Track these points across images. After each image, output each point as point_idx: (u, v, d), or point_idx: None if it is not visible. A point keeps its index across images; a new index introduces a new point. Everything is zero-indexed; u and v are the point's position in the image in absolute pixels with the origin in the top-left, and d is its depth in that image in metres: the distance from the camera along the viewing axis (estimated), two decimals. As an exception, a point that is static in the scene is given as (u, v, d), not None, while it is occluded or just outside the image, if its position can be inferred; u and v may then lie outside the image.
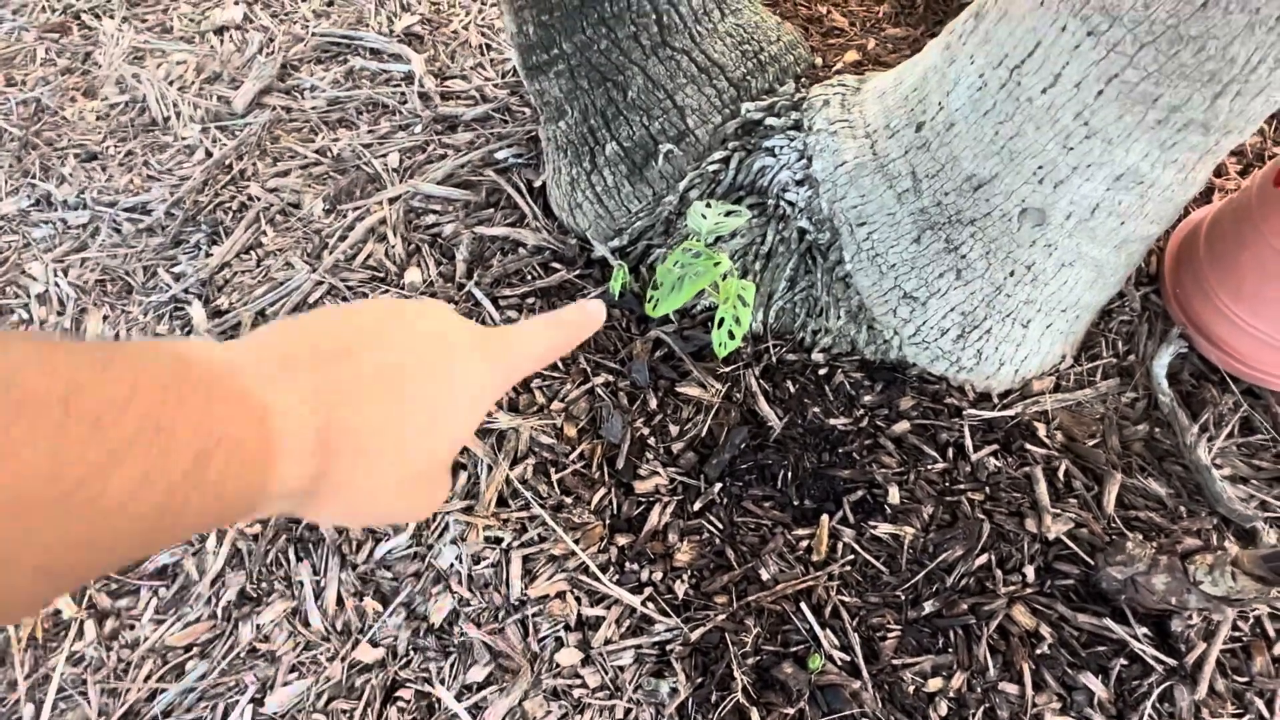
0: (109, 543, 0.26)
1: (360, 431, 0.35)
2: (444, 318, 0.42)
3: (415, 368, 0.38)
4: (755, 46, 1.26)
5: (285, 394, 0.33)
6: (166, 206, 1.45)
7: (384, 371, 0.37)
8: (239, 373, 0.32)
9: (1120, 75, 0.86)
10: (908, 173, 1.07)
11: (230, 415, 0.30)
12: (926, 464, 1.09)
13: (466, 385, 0.41)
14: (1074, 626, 0.97)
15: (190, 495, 0.28)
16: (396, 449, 0.37)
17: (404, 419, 0.37)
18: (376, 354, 0.37)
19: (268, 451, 0.31)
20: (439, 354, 0.40)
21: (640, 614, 1.02)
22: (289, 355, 0.35)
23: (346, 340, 0.37)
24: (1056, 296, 1.07)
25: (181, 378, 0.29)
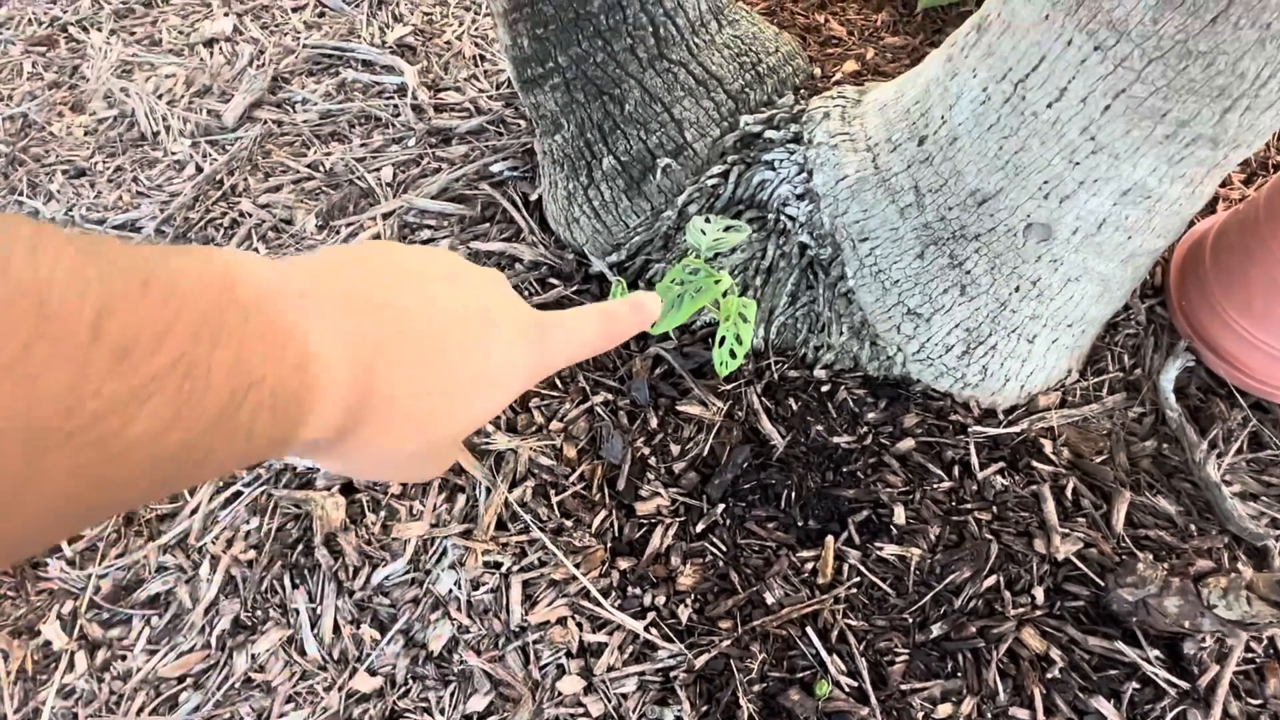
0: (124, 481, 0.24)
1: (392, 396, 0.35)
2: (494, 291, 0.42)
3: (455, 339, 0.38)
4: (753, 58, 1.25)
5: (330, 340, 0.32)
6: (157, 223, 1.43)
7: (426, 334, 0.36)
8: (287, 304, 0.30)
9: (1128, 90, 0.84)
10: (910, 187, 1.06)
11: (270, 354, 0.28)
12: (932, 483, 1.07)
13: (501, 367, 0.40)
14: (1085, 649, 0.95)
15: (217, 440, 0.26)
16: (423, 419, 0.37)
17: (436, 392, 0.37)
18: (424, 313, 0.37)
19: (303, 400, 0.30)
20: (481, 330, 0.39)
21: (643, 640, 1.00)
22: (341, 292, 0.34)
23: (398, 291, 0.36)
24: (1062, 312, 1.06)
25: (224, 305, 0.27)
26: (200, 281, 0.26)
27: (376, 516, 1.10)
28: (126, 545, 1.12)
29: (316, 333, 0.31)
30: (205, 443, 0.26)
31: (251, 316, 0.28)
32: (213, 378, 0.25)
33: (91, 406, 0.22)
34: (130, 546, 1.12)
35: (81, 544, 1.12)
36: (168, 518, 1.14)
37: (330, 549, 1.09)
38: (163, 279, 0.25)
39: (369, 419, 0.34)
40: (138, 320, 0.23)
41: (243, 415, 0.27)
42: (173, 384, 0.24)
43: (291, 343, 0.30)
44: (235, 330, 0.27)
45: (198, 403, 0.25)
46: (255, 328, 0.28)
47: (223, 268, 0.28)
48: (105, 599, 1.08)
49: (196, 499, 1.14)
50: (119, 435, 0.23)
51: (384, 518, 1.10)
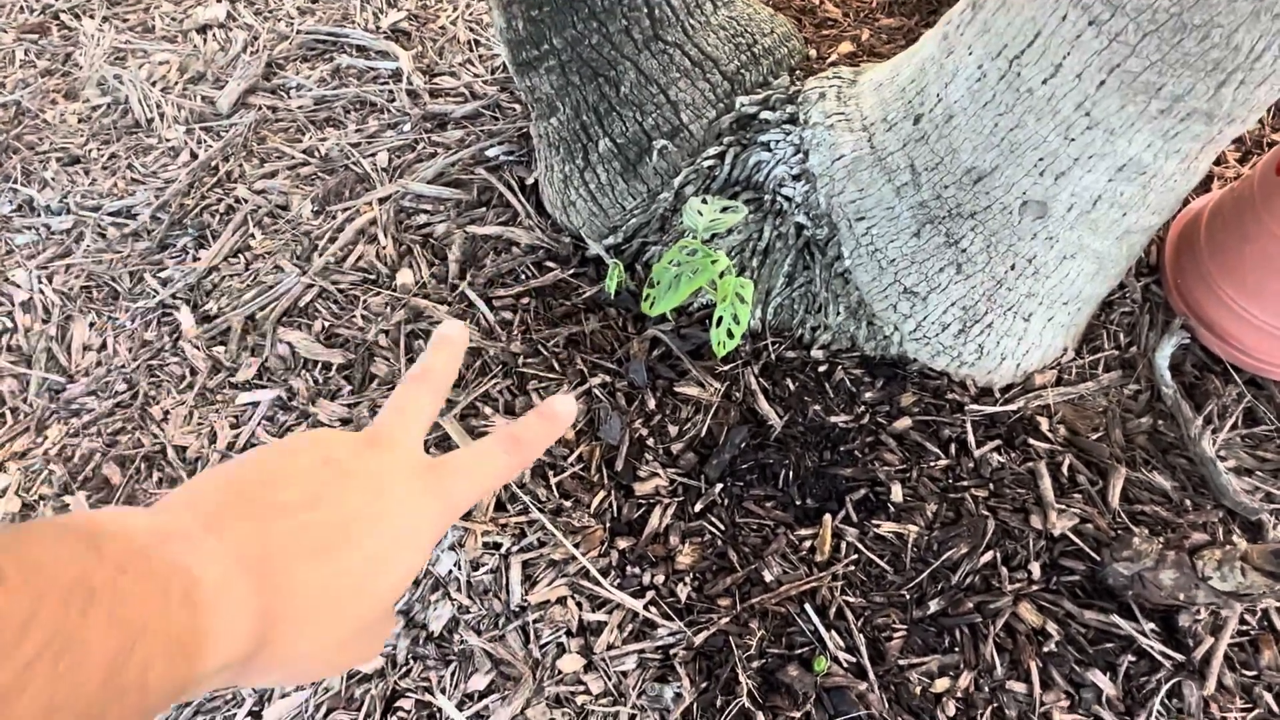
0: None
1: (300, 596, 0.34)
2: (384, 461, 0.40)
3: (353, 521, 0.37)
4: (749, 39, 1.24)
5: (218, 561, 0.31)
6: (152, 210, 1.42)
7: (321, 525, 0.35)
8: (164, 541, 0.30)
9: (1122, 65, 0.84)
10: (906, 166, 1.06)
11: (151, 600, 0.28)
12: (929, 461, 1.08)
13: (408, 530, 0.39)
14: (1081, 623, 0.96)
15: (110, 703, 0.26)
16: (339, 610, 0.36)
17: (344, 578, 0.36)
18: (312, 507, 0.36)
19: (196, 634, 0.29)
20: (377, 502, 0.38)
21: (642, 618, 1.01)
22: (217, 513, 0.33)
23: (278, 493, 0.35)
24: (1058, 289, 1.06)
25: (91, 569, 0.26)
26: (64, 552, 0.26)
27: (376, 499, 1.10)
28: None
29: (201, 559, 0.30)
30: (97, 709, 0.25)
31: (127, 568, 0.28)
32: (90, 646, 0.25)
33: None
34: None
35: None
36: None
37: (330, 531, 1.09)
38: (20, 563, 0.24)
39: (281, 627, 0.33)
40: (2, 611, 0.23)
41: (130, 673, 0.26)
42: (47, 666, 0.23)
43: (175, 578, 0.29)
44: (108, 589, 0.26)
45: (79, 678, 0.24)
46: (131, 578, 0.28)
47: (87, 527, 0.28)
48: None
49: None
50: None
51: (383, 500, 1.10)
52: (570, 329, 1.22)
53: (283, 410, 1.20)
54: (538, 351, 1.21)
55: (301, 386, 1.20)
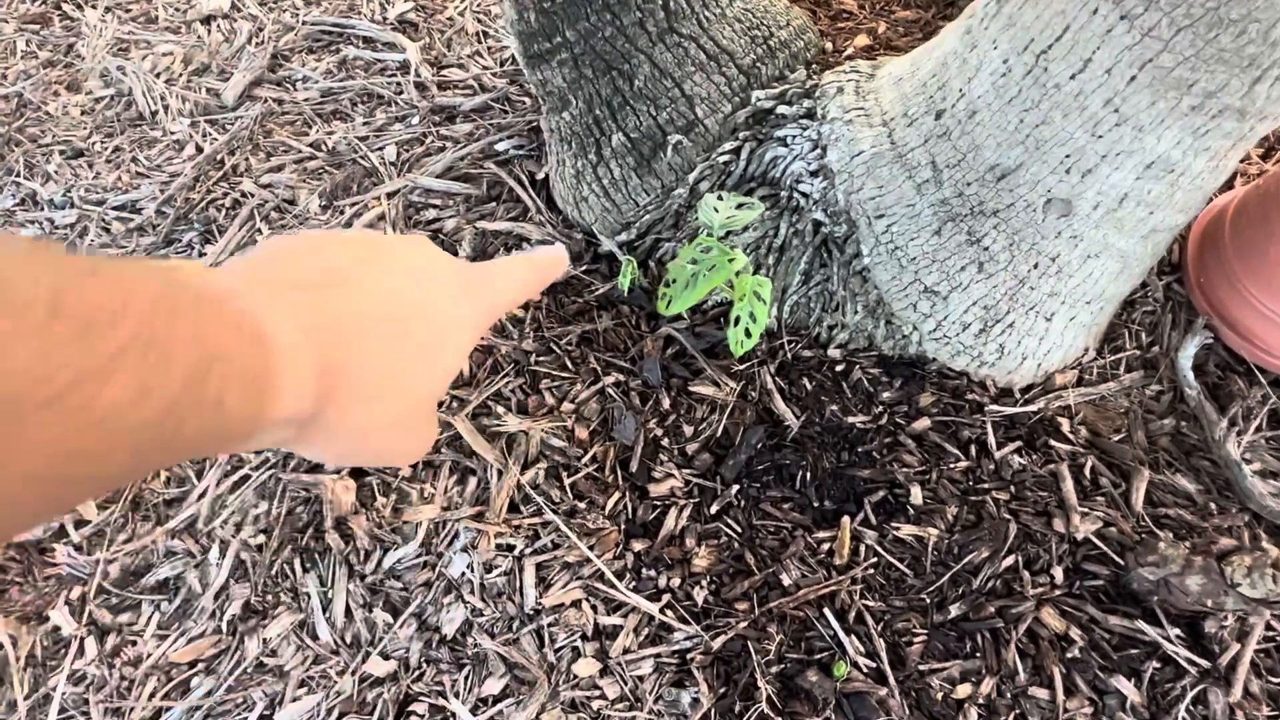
0: (103, 453, 0.25)
1: (356, 368, 0.35)
2: (428, 253, 0.42)
3: (405, 305, 0.38)
4: (765, 32, 1.22)
5: (283, 321, 0.32)
6: (157, 204, 1.40)
7: (378, 307, 0.37)
8: (232, 295, 0.31)
9: (1155, 60, 0.82)
10: (927, 162, 1.04)
11: (226, 334, 0.29)
12: (949, 462, 1.06)
13: (454, 322, 0.41)
14: (1105, 629, 0.94)
15: (189, 410, 0.27)
16: (391, 386, 0.37)
17: (398, 357, 0.37)
18: (369, 288, 0.37)
19: (268, 374, 0.30)
20: (428, 291, 0.40)
21: (659, 622, 0.99)
22: (282, 281, 0.34)
23: (339, 271, 0.37)
24: (1081, 289, 1.04)
25: (173, 291, 0.27)
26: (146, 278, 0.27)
27: (387, 500, 1.09)
28: (134, 530, 1.11)
29: (270, 317, 0.31)
30: (178, 413, 0.26)
31: (202, 302, 0.28)
32: (175, 350, 0.26)
33: (63, 376, 0.22)
34: (138, 532, 1.11)
35: (88, 529, 1.11)
36: (175, 502, 1.13)
37: (341, 533, 1.08)
38: (109, 272, 0.25)
39: (339, 391, 0.34)
40: (93, 298, 0.24)
41: (210, 388, 0.27)
42: (136, 355, 0.24)
43: (245, 324, 0.30)
44: (189, 310, 0.27)
45: (165, 372, 0.25)
46: (209, 312, 0.28)
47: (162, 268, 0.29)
48: (114, 584, 1.07)
49: (204, 483, 1.13)
50: (92, 405, 0.23)
51: (394, 501, 1.09)
52: (583, 327, 1.20)
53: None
54: (550, 350, 1.19)
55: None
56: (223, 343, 0.28)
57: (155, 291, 0.26)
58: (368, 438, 0.38)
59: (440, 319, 0.40)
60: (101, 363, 0.23)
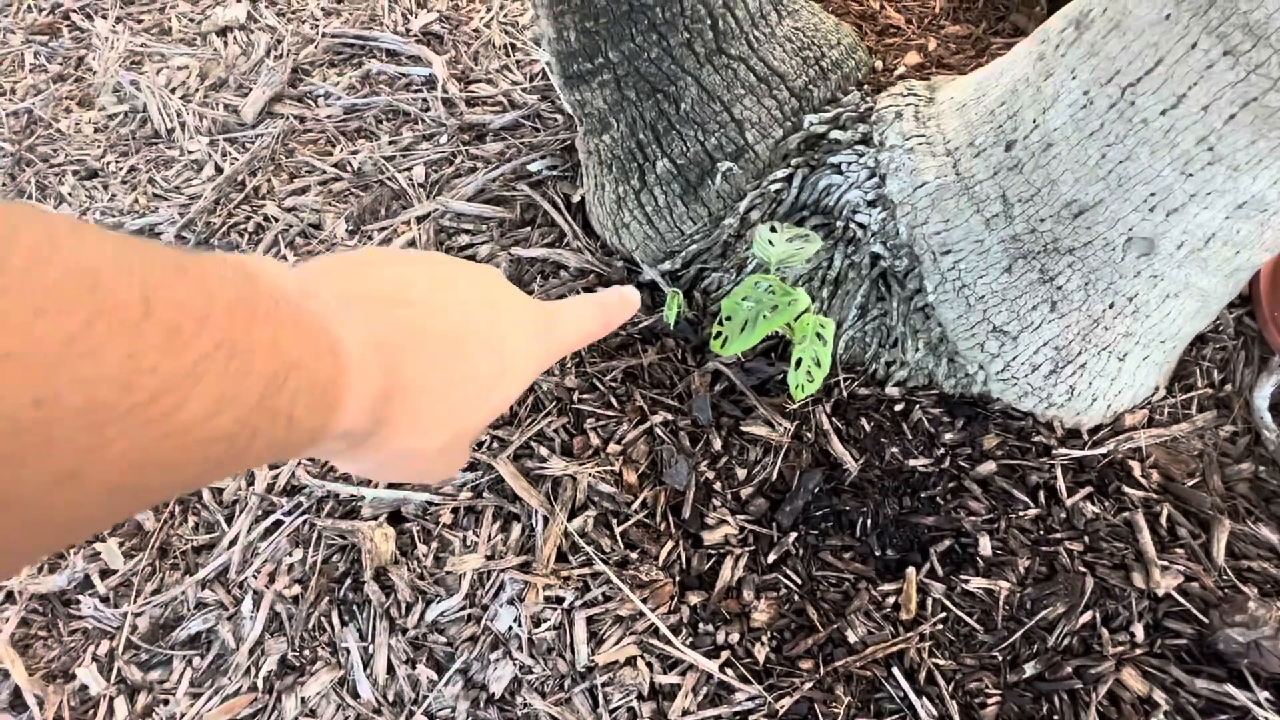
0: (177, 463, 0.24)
1: (416, 388, 0.35)
2: (498, 284, 0.42)
3: (472, 333, 0.38)
4: (816, 52, 1.17)
5: (353, 333, 0.32)
6: (177, 229, 1.35)
7: (444, 331, 0.37)
8: (307, 299, 0.30)
9: (1260, 99, 0.77)
10: (997, 196, 0.99)
11: (302, 341, 0.28)
12: (1017, 510, 1.01)
13: (515, 357, 0.41)
14: (1190, 692, 0.90)
15: (261, 423, 0.26)
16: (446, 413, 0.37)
17: (458, 382, 0.37)
18: (439, 308, 0.37)
19: (338, 385, 0.30)
20: (493, 322, 0.40)
21: (718, 681, 0.95)
22: (355, 293, 0.34)
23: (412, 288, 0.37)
24: (1158, 329, 0.99)
25: (252, 294, 0.27)
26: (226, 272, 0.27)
27: (428, 548, 1.04)
28: (162, 580, 1.06)
29: (342, 325, 0.31)
30: (252, 424, 0.26)
31: (280, 306, 0.28)
32: (254, 359, 0.25)
33: (149, 383, 0.22)
34: (166, 581, 1.06)
35: (114, 579, 1.06)
36: (204, 549, 1.08)
37: (380, 583, 1.03)
38: (195, 267, 0.25)
39: (398, 411, 0.34)
40: (181, 300, 0.23)
41: (283, 398, 0.27)
42: (220, 363, 0.24)
43: (319, 331, 0.30)
44: (268, 315, 0.27)
45: (244, 383, 0.25)
46: (285, 315, 0.28)
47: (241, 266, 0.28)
48: (143, 638, 1.02)
49: (234, 529, 1.08)
50: (174, 414, 0.23)
51: (436, 549, 1.04)
52: (627, 362, 1.15)
53: (324, 449, 1.13)
54: (594, 386, 1.14)
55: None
56: (298, 351, 0.28)
57: (236, 293, 0.26)
58: (411, 458, 0.38)
59: (504, 350, 0.40)
60: (187, 370, 0.23)
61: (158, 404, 0.22)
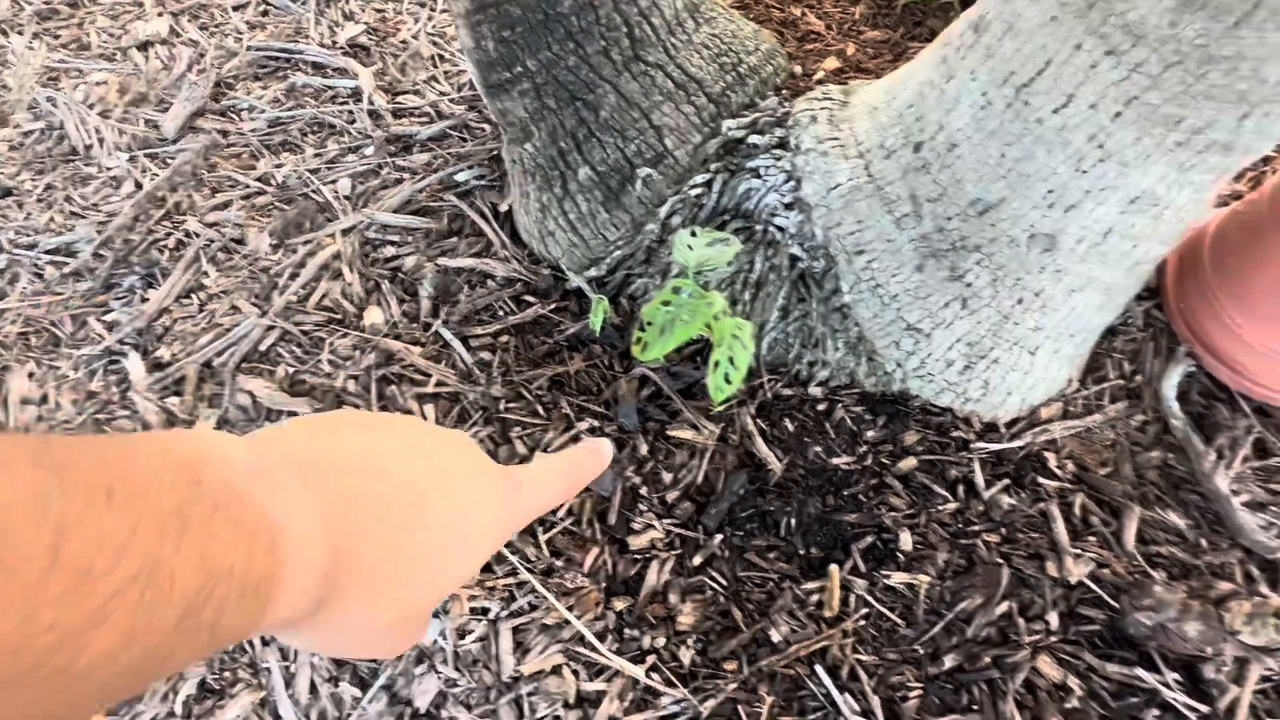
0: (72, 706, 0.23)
1: (366, 564, 0.34)
2: (464, 451, 0.41)
3: (434, 503, 0.37)
4: (734, 58, 1.18)
5: (302, 512, 0.31)
6: (94, 247, 1.32)
7: (405, 499, 0.36)
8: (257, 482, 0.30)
9: (1141, 97, 0.80)
10: (907, 196, 1.01)
11: (239, 539, 0.28)
12: (937, 504, 1.03)
13: (476, 527, 0.40)
14: (1103, 676, 0.92)
15: (178, 644, 0.25)
16: (399, 586, 0.36)
17: (412, 562, 0.36)
18: (396, 480, 0.36)
19: (272, 583, 0.29)
20: (454, 492, 0.39)
21: (645, 686, 0.95)
22: (313, 460, 0.33)
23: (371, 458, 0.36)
24: (1066, 322, 1.02)
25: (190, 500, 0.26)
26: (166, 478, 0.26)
27: (351, 564, 1.02)
28: (76, 606, 1.03)
29: (288, 507, 0.30)
30: (163, 651, 0.25)
31: (221, 505, 0.27)
32: (176, 581, 0.24)
33: (44, 641, 0.21)
34: (81, 607, 1.03)
35: (26, 608, 1.02)
36: (121, 573, 1.05)
37: (302, 601, 1.01)
38: (127, 483, 0.24)
39: (344, 589, 0.33)
40: (100, 533, 0.22)
41: (206, 613, 0.26)
42: (133, 597, 0.23)
43: (262, 523, 0.29)
44: (203, 524, 0.26)
45: (160, 610, 0.24)
46: (224, 516, 0.27)
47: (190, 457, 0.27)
48: (55, 668, 0.99)
49: (152, 552, 1.05)
50: (70, 667, 0.22)
51: (359, 565, 1.03)
52: (554, 369, 1.15)
53: (246, 467, 1.11)
54: (520, 395, 1.13)
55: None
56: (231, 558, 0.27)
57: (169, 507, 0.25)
58: (359, 633, 0.36)
59: (464, 522, 0.39)
60: (90, 616, 0.22)
61: (50, 662, 0.21)
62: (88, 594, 0.22)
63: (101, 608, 0.22)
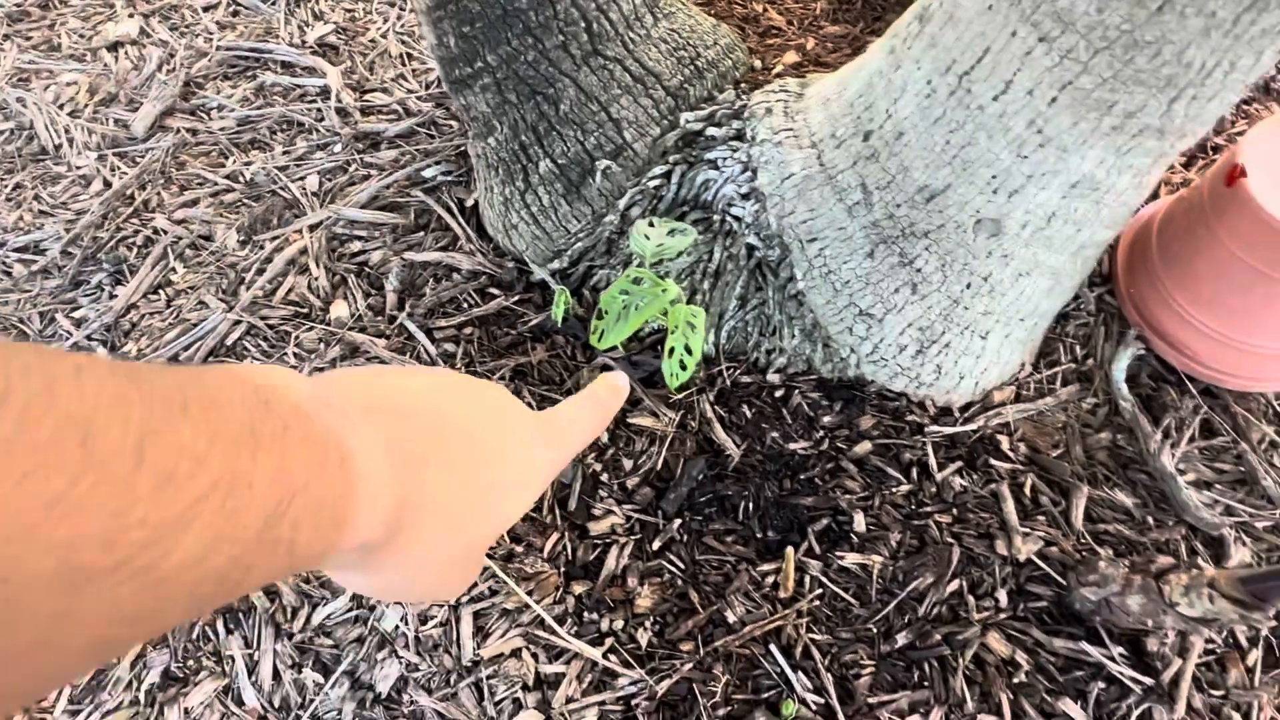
0: (160, 610, 0.23)
1: (429, 501, 0.35)
2: (503, 397, 0.42)
3: (482, 444, 0.38)
4: (691, 52, 1.20)
5: (367, 445, 0.31)
6: (62, 244, 1.33)
7: (456, 443, 0.37)
8: (322, 413, 0.30)
9: (1074, 82, 0.82)
10: (857, 184, 1.02)
11: (311, 459, 0.28)
12: (891, 486, 1.05)
13: (525, 466, 0.41)
14: (1050, 651, 0.94)
15: (259, 556, 0.26)
16: (460, 521, 0.37)
17: (470, 494, 0.37)
18: (451, 420, 0.37)
19: (346, 505, 0.30)
20: (502, 434, 0.40)
21: (603, 668, 0.96)
22: (370, 403, 0.34)
23: (423, 400, 0.37)
24: (1015, 306, 1.04)
25: (261, 418, 0.27)
26: (237, 397, 0.26)
27: (314, 552, 1.04)
28: (41, 598, 1.04)
29: (357, 437, 0.31)
30: (246, 561, 0.25)
31: (291, 425, 0.28)
32: (255, 492, 0.25)
33: (135, 536, 0.21)
34: (46, 599, 1.03)
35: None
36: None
37: (265, 590, 1.02)
38: (201, 399, 0.24)
39: (409, 523, 0.34)
40: (181, 441, 0.23)
41: (284, 528, 0.26)
42: (215, 503, 0.23)
43: (333, 442, 0.29)
44: (275, 439, 0.27)
45: (241, 520, 0.25)
46: (295, 435, 0.28)
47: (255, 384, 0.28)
48: (20, 658, 1.00)
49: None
50: (160, 565, 0.22)
51: (322, 553, 1.04)
52: (516, 360, 1.17)
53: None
54: (483, 385, 1.15)
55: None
56: (305, 474, 0.27)
57: (242, 423, 0.26)
58: (421, 572, 0.37)
59: (515, 461, 0.40)
60: (177, 516, 0.22)
61: (141, 557, 0.21)
62: (174, 496, 0.22)
63: (188, 509, 0.22)
